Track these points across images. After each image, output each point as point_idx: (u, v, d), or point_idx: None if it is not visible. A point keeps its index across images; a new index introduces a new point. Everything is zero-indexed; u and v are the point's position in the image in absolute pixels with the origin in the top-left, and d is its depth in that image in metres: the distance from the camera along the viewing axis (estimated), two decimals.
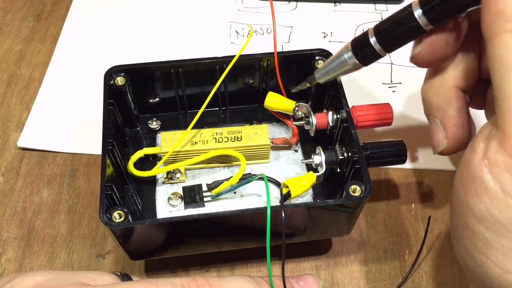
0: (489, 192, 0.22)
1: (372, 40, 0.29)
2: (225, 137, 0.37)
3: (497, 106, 0.22)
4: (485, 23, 0.23)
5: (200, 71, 0.37)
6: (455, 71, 0.30)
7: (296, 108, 0.37)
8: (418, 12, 0.27)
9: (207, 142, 0.36)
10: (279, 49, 0.45)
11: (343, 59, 0.31)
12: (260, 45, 0.51)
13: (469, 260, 0.25)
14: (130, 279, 0.30)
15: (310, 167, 0.37)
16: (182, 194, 0.36)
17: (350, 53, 0.31)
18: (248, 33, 0.51)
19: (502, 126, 0.22)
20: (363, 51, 0.30)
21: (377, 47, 0.29)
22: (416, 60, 0.30)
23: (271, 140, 0.37)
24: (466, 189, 0.23)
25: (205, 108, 0.35)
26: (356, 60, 0.31)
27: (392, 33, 0.29)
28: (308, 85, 0.36)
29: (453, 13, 0.26)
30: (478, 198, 0.22)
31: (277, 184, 0.36)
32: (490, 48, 0.22)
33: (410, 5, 0.27)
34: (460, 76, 0.30)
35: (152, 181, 0.37)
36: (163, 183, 0.37)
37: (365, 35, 0.30)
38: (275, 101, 0.37)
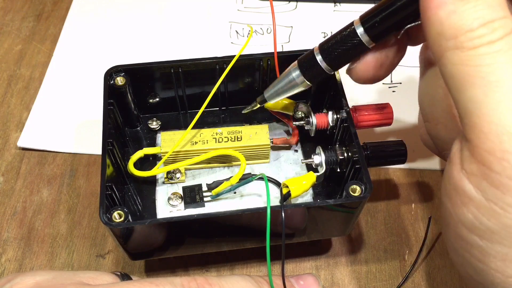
0: (474, 201, 0.22)
1: (318, 58, 0.30)
2: (225, 137, 0.37)
3: (461, 119, 0.23)
4: (430, 46, 0.23)
5: (200, 71, 0.37)
6: None
7: (296, 108, 0.37)
8: (360, 30, 0.27)
9: (207, 142, 0.36)
10: (279, 49, 0.45)
11: (291, 78, 0.31)
12: (260, 45, 0.51)
13: (469, 269, 0.25)
14: (130, 279, 0.30)
15: (310, 167, 0.37)
16: (182, 194, 0.36)
17: (298, 72, 0.31)
18: (248, 33, 0.51)
19: (468, 137, 0.22)
20: (310, 70, 0.30)
21: (323, 65, 0.30)
22: (351, 76, 0.30)
23: (271, 140, 0.37)
24: (452, 200, 0.24)
25: (205, 108, 0.35)
26: (304, 79, 0.31)
27: (337, 51, 0.29)
28: (259, 105, 0.35)
29: (393, 30, 0.27)
30: (465, 208, 0.23)
31: (277, 184, 0.36)
32: (441, 68, 0.23)
33: (352, 23, 0.28)
34: None
35: (152, 181, 0.37)
36: (163, 183, 0.37)
37: (311, 53, 0.30)
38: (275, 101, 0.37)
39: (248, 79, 0.39)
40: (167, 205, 0.36)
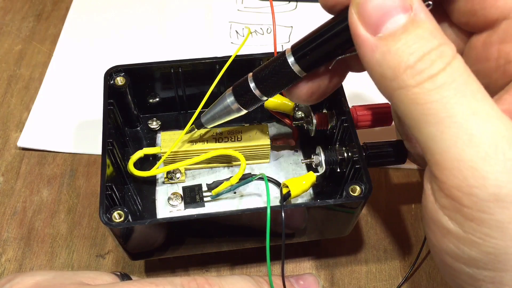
0: (452, 233, 0.22)
1: (252, 85, 0.29)
2: (225, 137, 0.37)
3: (424, 155, 0.22)
4: (378, 87, 0.23)
5: (200, 71, 0.37)
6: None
7: (296, 108, 0.37)
8: (291, 60, 0.27)
9: (207, 142, 0.36)
10: (279, 49, 0.45)
11: (226, 104, 0.31)
12: (260, 45, 0.51)
13: None
14: (129, 279, 0.30)
15: (310, 167, 0.37)
16: (182, 194, 0.36)
17: (232, 98, 0.31)
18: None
19: (434, 173, 0.22)
20: (244, 96, 0.30)
21: (257, 92, 0.29)
22: (287, 96, 0.30)
23: (271, 140, 0.37)
24: (432, 232, 0.23)
25: (204, 108, 0.35)
26: (238, 105, 0.31)
27: (269, 79, 0.28)
28: (196, 129, 0.35)
29: (324, 60, 0.27)
30: (446, 239, 0.23)
31: (277, 184, 0.36)
32: (393, 107, 0.23)
33: (284, 52, 0.27)
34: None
35: (152, 181, 0.37)
36: (163, 183, 0.37)
37: (245, 80, 0.30)
38: (275, 101, 0.37)
39: None
40: (167, 205, 0.36)
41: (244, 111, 0.31)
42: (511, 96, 0.24)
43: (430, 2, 0.22)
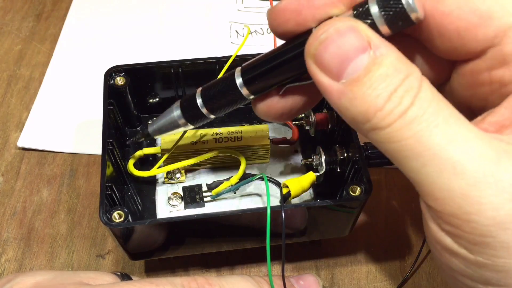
0: (460, 255, 0.21)
1: (199, 101, 0.28)
2: (225, 137, 0.37)
3: (414, 186, 0.22)
4: (351, 126, 0.22)
5: (200, 71, 0.37)
6: None
7: None
8: (239, 81, 0.26)
9: (207, 142, 0.36)
10: None
11: (172, 117, 0.29)
12: (260, 45, 0.51)
13: None
14: (130, 279, 0.30)
15: (310, 167, 0.37)
16: (182, 194, 0.36)
17: (179, 111, 0.29)
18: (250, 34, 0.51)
19: (428, 204, 0.21)
20: (191, 112, 0.29)
21: (204, 110, 0.28)
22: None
23: (271, 140, 0.37)
24: (439, 252, 0.23)
25: None
26: (185, 120, 0.29)
27: (217, 98, 0.27)
28: (143, 138, 0.33)
29: (272, 86, 0.25)
30: (454, 259, 0.22)
31: (277, 184, 0.36)
32: (373, 144, 0.22)
33: (233, 73, 0.26)
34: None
35: (152, 181, 0.37)
36: (163, 183, 0.37)
37: (193, 96, 0.28)
38: None
39: None
40: (167, 205, 0.36)
41: (191, 127, 0.30)
42: (502, 107, 0.22)
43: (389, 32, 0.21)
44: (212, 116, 0.28)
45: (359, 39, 0.20)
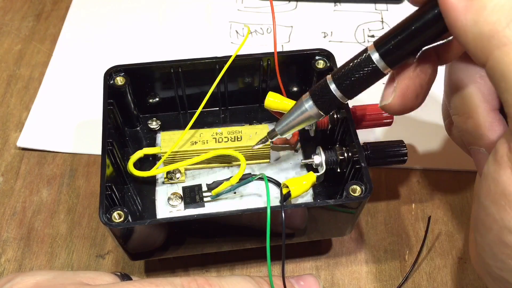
0: None
1: (332, 87, 0.28)
2: (225, 137, 0.37)
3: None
4: (472, 54, 0.22)
5: (200, 71, 0.37)
6: None
7: None
8: (375, 56, 0.26)
9: (207, 142, 0.36)
10: (279, 49, 0.45)
11: (304, 109, 0.30)
12: (260, 45, 0.51)
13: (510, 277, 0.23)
14: (130, 279, 0.30)
15: (310, 167, 0.37)
16: (182, 194, 0.36)
17: (310, 102, 0.30)
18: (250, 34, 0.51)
19: None
20: (324, 99, 0.29)
21: (338, 94, 0.28)
22: (387, 110, 0.29)
23: (271, 140, 0.37)
24: (499, 205, 0.22)
25: (205, 108, 0.35)
26: (317, 109, 0.30)
27: (351, 79, 0.28)
28: (270, 140, 0.34)
29: (409, 53, 0.26)
30: None
31: (277, 184, 0.36)
32: (489, 72, 0.21)
33: (366, 49, 0.27)
34: None
35: (152, 181, 0.37)
36: (163, 183, 0.37)
37: (324, 82, 0.29)
38: (275, 101, 0.37)
39: (248, 79, 0.39)
40: (167, 205, 0.36)
41: (323, 116, 0.30)
42: None
43: None
44: (347, 100, 0.29)
45: None
